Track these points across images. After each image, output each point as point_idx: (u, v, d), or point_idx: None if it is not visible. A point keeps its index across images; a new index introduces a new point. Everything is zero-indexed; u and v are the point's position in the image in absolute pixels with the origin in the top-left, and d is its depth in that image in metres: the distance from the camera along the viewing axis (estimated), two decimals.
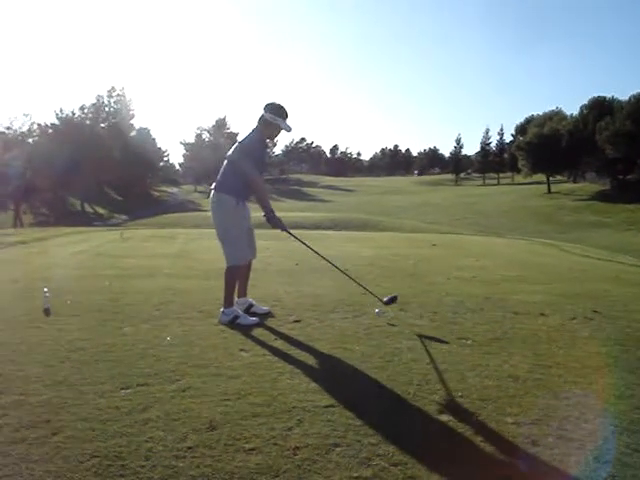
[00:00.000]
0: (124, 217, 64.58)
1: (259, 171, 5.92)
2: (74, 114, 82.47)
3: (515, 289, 8.00)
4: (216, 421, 3.25)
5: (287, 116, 5.94)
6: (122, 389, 3.72)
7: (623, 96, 74.44)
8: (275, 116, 5.85)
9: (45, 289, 6.23)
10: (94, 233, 21.00)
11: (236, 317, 5.67)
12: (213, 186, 6.03)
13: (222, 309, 5.75)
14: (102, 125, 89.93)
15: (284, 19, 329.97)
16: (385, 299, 5.97)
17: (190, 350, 4.63)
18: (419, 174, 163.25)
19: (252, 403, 3.52)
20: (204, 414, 3.34)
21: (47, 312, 5.87)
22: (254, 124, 5.91)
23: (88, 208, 72.80)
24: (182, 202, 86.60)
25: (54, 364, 4.22)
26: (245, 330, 5.33)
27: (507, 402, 3.65)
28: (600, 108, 76.12)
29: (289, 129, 5.96)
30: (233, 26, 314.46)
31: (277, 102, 5.93)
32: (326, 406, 3.49)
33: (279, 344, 4.93)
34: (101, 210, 73.31)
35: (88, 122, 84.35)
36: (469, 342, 5.08)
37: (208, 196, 6.27)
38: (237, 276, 5.96)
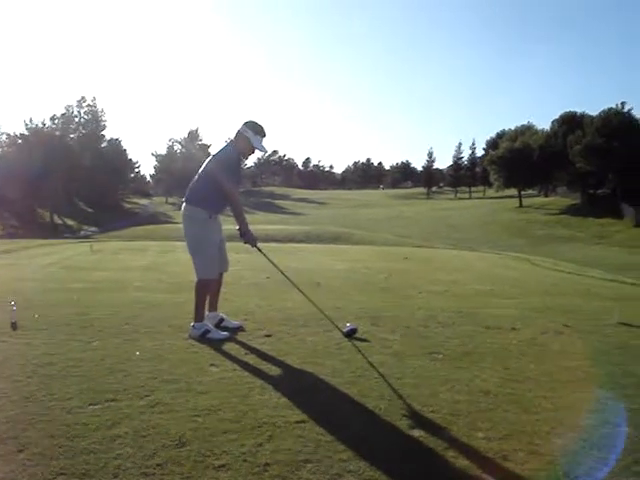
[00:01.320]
0: (94, 229, 64.04)
1: (235, 185, 5.90)
2: (44, 124, 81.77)
3: (487, 303, 8.05)
4: (185, 437, 3.20)
5: (264, 135, 5.90)
6: (90, 405, 3.65)
7: (593, 111, 75.67)
8: (253, 133, 5.81)
9: (12, 302, 6.13)
10: (63, 245, 20.80)
11: (206, 331, 5.60)
12: (185, 198, 5.98)
13: (192, 323, 5.69)
14: (72, 136, 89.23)
15: (257, 31, 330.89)
16: (345, 330, 5.79)
17: (160, 365, 4.58)
18: (384, 188, 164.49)
19: (222, 419, 3.48)
20: (173, 430, 3.29)
21: (14, 326, 5.77)
22: (227, 136, 5.90)
23: (58, 220, 72.02)
24: (153, 214, 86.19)
25: (21, 379, 4.14)
26: (215, 345, 5.29)
27: (478, 417, 3.65)
28: (571, 123, 77.29)
29: (263, 149, 5.94)
30: (206, 37, 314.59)
31: (257, 121, 5.90)
32: (297, 422, 3.47)
33: (250, 359, 4.90)
34: (71, 222, 72.60)
35: (58, 132, 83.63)
36: (440, 356, 5.09)
37: (180, 208, 6.23)
38: (207, 290, 5.88)
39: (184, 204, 5.95)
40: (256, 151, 5.95)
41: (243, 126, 5.84)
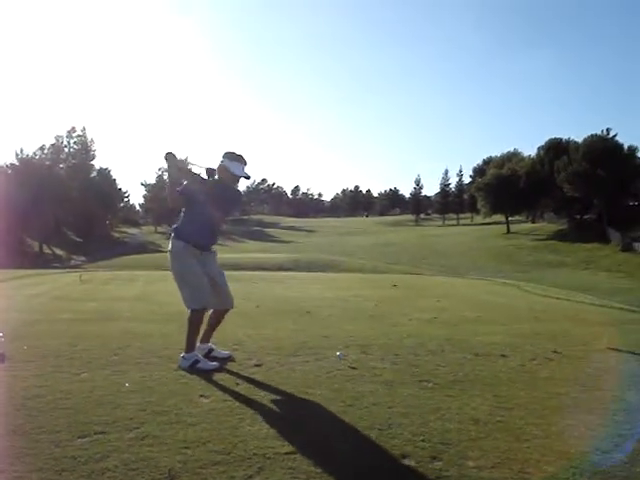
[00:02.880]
0: (83, 258, 63.83)
1: (222, 212, 5.94)
2: (35, 155, 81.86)
3: (476, 330, 8.06)
4: (175, 470, 3.18)
5: (244, 162, 5.91)
6: (79, 438, 3.62)
7: (578, 137, 76.35)
8: (229, 160, 5.84)
9: (0, 333, 6.10)
10: (52, 275, 20.68)
11: (196, 362, 5.56)
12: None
13: (182, 354, 5.66)
14: (62, 165, 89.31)
15: (244, 60, 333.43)
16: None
17: (149, 397, 4.55)
18: (367, 216, 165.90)
19: (212, 451, 3.46)
20: (163, 463, 3.27)
21: (2, 358, 5.72)
22: (212, 166, 5.91)
23: (46, 249, 71.74)
24: (142, 243, 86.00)
25: (9, 412, 4.10)
26: (205, 375, 5.26)
27: (468, 445, 3.64)
28: (556, 149, 78.01)
29: (242, 174, 5.90)
30: (194, 68, 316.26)
31: (235, 151, 5.93)
32: (287, 453, 3.45)
33: (240, 389, 4.87)
34: (60, 251, 72.32)
35: (48, 162, 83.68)
36: (430, 385, 5.08)
37: (169, 237, 6.22)
38: (198, 321, 5.77)
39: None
40: (241, 178, 5.99)
41: (222, 158, 5.89)
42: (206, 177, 5.73)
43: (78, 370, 5.34)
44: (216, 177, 5.79)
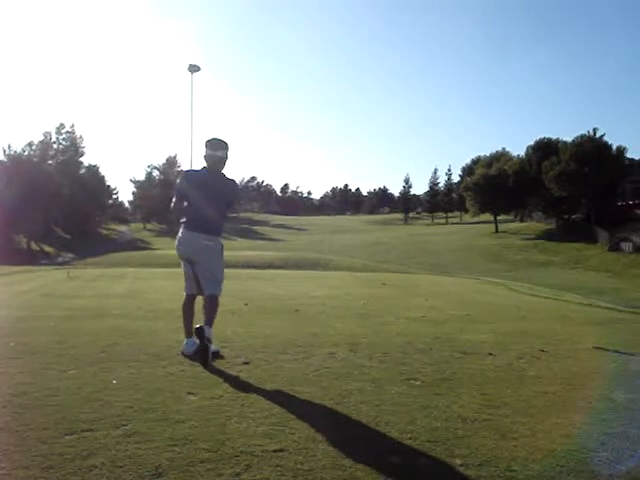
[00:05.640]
0: (71, 255, 63.47)
1: (200, 204, 6.04)
2: (24, 151, 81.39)
3: (464, 328, 8.09)
4: (162, 467, 3.17)
5: (214, 145, 6.09)
6: (66, 435, 3.60)
7: (568, 137, 76.53)
8: (205, 148, 6.07)
9: None
10: (40, 272, 20.60)
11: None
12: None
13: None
14: (50, 162, 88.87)
15: (234, 58, 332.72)
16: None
17: (136, 394, 4.54)
18: (351, 214, 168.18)
19: (199, 448, 3.45)
20: (150, 460, 3.26)
21: None
22: (202, 163, 6.07)
23: (34, 246, 71.36)
24: (131, 240, 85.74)
25: None
26: (193, 373, 5.26)
27: (456, 443, 3.65)
28: (545, 149, 78.03)
29: (211, 156, 6.06)
30: (183, 66, 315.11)
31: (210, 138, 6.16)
32: (275, 450, 3.45)
33: (228, 387, 4.87)
34: (48, 248, 71.97)
35: (36, 159, 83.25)
36: (418, 383, 5.10)
37: (158, 235, 6.31)
38: (183, 306, 6.22)
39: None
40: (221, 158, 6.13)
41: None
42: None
43: (66, 367, 5.32)
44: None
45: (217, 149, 6.06)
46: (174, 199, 6.18)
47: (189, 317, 6.18)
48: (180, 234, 6.11)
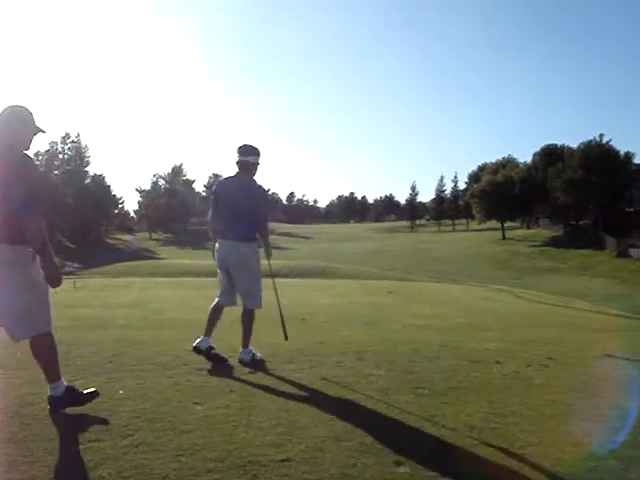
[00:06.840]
0: (77, 265, 63.52)
1: (229, 210, 6.23)
2: None
3: (470, 336, 8.06)
4: (169, 478, 3.16)
5: (246, 151, 6.32)
6: (73, 445, 3.60)
7: (573, 143, 76.51)
8: (237, 154, 6.30)
9: None
10: None
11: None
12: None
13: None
14: (56, 172, 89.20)
15: (240, 67, 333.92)
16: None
17: (143, 404, 4.53)
18: (355, 222, 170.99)
19: (206, 458, 3.44)
20: (157, 470, 3.25)
21: None
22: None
23: None
24: (137, 250, 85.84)
25: (2, 420, 4.08)
26: (199, 382, 5.25)
27: (463, 452, 3.64)
28: (551, 155, 78.12)
29: (245, 161, 6.28)
30: (188, 74, 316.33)
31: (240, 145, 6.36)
32: (282, 460, 3.43)
33: (234, 396, 4.85)
34: (54, 258, 72.03)
35: (42, 169, 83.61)
36: (426, 391, 5.08)
37: (163, 244, 6.37)
38: (211, 308, 6.47)
39: None
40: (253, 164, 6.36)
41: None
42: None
43: (72, 377, 5.29)
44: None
45: (248, 155, 6.28)
46: (210, 211, 6.43)
47: (212, 320, 6.41)
48: (217, 243, 6.38)
